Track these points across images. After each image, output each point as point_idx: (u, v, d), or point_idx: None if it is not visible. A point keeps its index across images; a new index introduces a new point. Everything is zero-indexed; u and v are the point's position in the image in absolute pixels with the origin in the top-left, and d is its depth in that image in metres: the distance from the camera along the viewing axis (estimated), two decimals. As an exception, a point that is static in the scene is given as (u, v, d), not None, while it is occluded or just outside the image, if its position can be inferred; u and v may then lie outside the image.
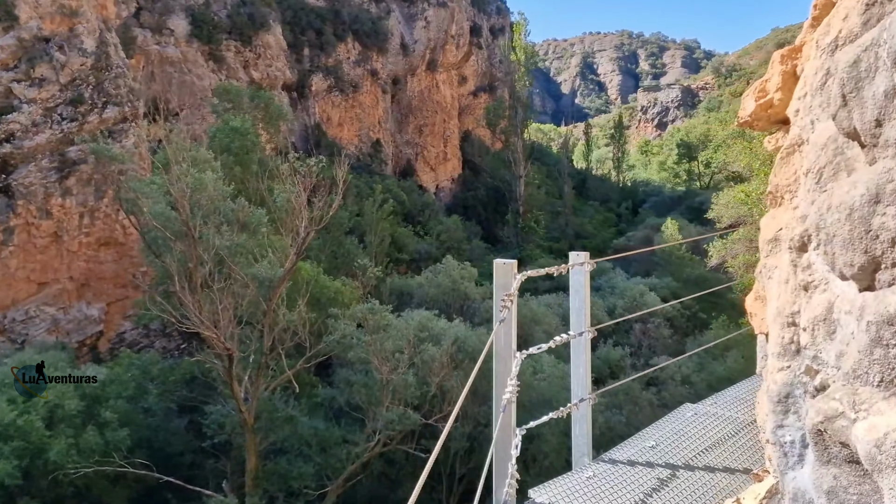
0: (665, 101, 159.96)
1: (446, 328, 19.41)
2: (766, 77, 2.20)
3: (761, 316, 2.22)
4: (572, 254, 3.86)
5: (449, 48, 75.78)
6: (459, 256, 45.33)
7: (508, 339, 3.10)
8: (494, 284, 3.33)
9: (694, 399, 22.74)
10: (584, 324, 3.77)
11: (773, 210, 2.18)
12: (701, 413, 4.29)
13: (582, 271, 3.68)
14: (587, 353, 3.83)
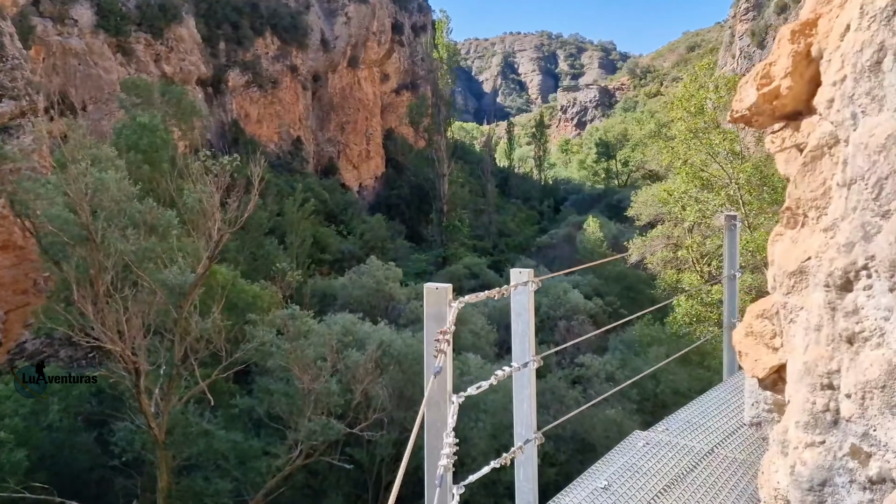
0: (584, 100, 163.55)
1: (371, 332, 18.82)
2: (771, 59, 1.74)
3: (755, 357, 1.82)
4: (514, 271, 3.37)
5: (371, 45, 74.88)
6: (384, 256, 44.73)
7: (444, 386, 2.60)
8: (425, 314, 2.83)
9: (623, 401, 22.84)
10: (529, 352, 3.32)
11: (793, 231, 1.69)
12: (653, 443, 3.94)
13: (526, 291, 3.23)
14: (532, 385, 3.38)
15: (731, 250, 5.60)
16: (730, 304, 5.41)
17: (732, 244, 5.61)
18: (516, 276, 3.27)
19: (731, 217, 5.60)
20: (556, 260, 50.88)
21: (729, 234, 5.60)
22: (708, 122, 21.79)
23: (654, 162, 50.46)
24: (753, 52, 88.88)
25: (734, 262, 5.56)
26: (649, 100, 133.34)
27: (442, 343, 2.39)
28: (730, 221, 5.57)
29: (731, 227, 5.56)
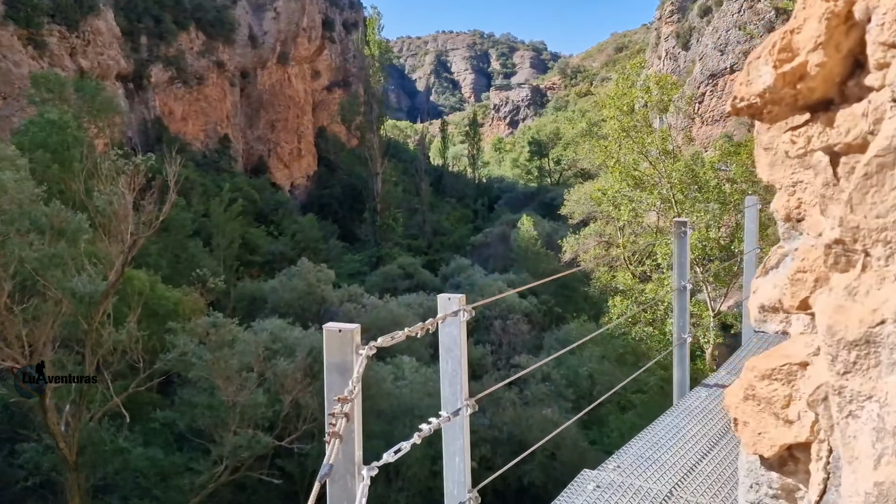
0: (516, 99, 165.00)
1: (301, 338, 18.08)
2: (792, 26, 1.26)
3: (758, 429, 1.37)
4: (441, 298, 2.79)
5: (301, 41, 73.33)
6: (316, 257, 43.74)
7: (351, 458, 2.00)
8: (326, 364, 2.24)
9: (559, 400, 22.68)
10: (462, 395, 2.81)
11: (848, 277, 1.19)
12: (605, 485, 3.53)
13: (457, 322, 2.70)
14: (466, 436, 2.84)
15: (681, 259, 5.10)
16: (680, 318, 5.00)
17: (682, 252, 5.10)
18: (444, 303, 2.70)
19: (681, 224, 5.11)
20: (491, 259, 50.86)
21: (678, 241, 5.12)
22: (640, 120, 21.86)
23: (586, 160, 51.07)
24: (678, 53, 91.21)
25: (684, 272, 5.10)
26: (580, 99, 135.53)
27: (339, 414, 1.79)
28: (679, 228, 5.10)
29: (680, 235, 5.08)
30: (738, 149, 21.00)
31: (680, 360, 5.01)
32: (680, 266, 5.12)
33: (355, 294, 30.16)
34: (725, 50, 76.74)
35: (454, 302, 2.66)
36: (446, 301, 2.68)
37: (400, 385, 18.55)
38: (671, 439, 3.96)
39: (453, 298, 2.67)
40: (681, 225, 5.10)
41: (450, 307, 2.64)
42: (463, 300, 2.69)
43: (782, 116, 1.30)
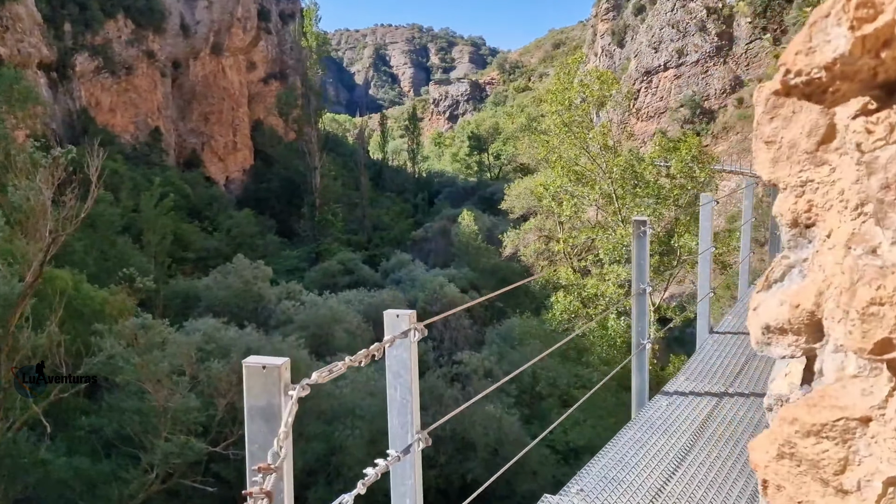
0: (455, 94, 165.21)
1: (236, 338, 17.44)
2: None
3: (798, 497, 1.11)
4: (389, 314, 2.40)
5: (235, 31, 71.40)
6: (252, 253, 42.64)
7: None
8: (246, 409, 1.79)
9: (502, 396, 22.64)
10: (412, 428, 2.46)
11: None
12: (570, 512, 3.28)
13: (407, 344, 2.33)
14: (417, 475, 2.47)
15: (640, 261, 4.76)
16: (639, 322, 4.79)
17: (641, 254, 4.76)
18: (392, 322, 2.32)
19: (641, 223, 4.75)
20: (432, 253, 50.66)
21: (637, 242, 4.77)
22: (581, 115, 21.92)
23: (525, 155, 51.32)
24: (614, 50, 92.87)
25: (643, 275, 4.78)
26: (518, 94, 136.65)
27: (266, 476, 1.43)
28: (638, 228, 4.74)
29: (639, 235, 4.73)
30: (676, 144, 21.28)
31: (639, 368, 4.81)
32: (639, 268, 4.82)
33: (293, 291, 29.46)
34: (659, 48, 78.47)
35: (403, 320, 2.29)
36: (394, 319, 2.31)
37: (341, 385, 18.09)
38: (635, 456, 3.76)
39: (402, 316, 2.31)
40: (640, 224, 4.77)
41: (398, 326, 2.29)
42: (413, 317, 2.33)
43: (850, 96, 1.03)
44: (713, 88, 72.48)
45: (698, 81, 73.67)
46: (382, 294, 32.97)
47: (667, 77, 76.95)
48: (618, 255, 19.57)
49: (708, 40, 73.27)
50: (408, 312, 2.34)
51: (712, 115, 71.33)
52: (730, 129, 67.27)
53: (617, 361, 17.64)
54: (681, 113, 72.96)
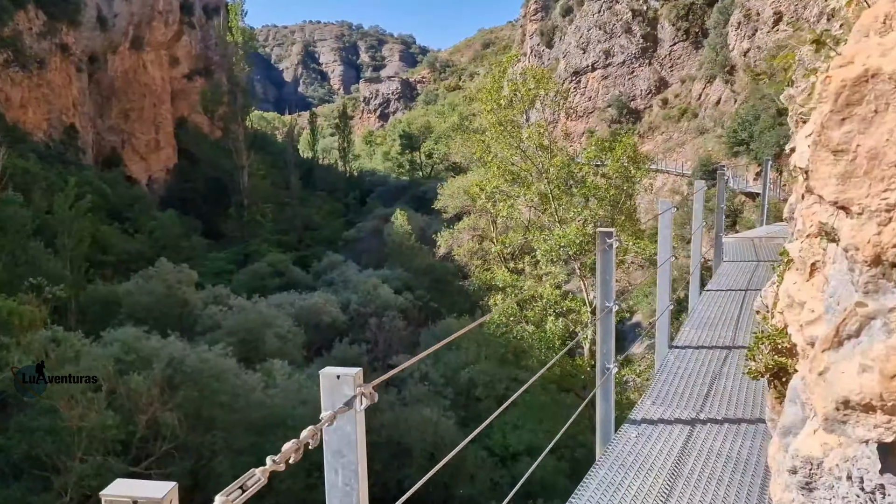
0: (386, 92, 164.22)
1: (159, 347, 16.49)
2: None
3: None
4: (327, 374, 1.77)
5: (157, 25, 68.70)
6: (177, 255, 41.08)
7: None
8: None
9: (438, 398, 22.32)
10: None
11: None
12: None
13: (352, 416, 1.82)
14: None
15: (606, 276, 4.31)
16: (604, 344, 4.36)
17: (607, 269, 4.32)
18: (332, 385, 1.81)
19: (606, 234, 4.24)
20: (365, 254, 49.95)
21: (603, 256, 4.29)
22: (516, 114, 21.70)
23: (458, 154, 51.15)
24: (543, 50, 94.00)
25: (609, 291, 4.33)
26: (449, 93, 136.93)
27: None
28: (604, 241, 4.23)
29: (605, 249, 4.26)
30: (612, 144, 21.31)
31: (604, 396, 4.47)
32: (604, 284, 4.36)
33: (220, 295, 28.40)
34: (587, 49, 79.81)
35: (346, 383, 1.80)
36: (334, 382, 1.81)
37: (272, 393, 17.38)
38: (610, 503, 3.41)
39: (345, 378, 1.83)
40: (605, 237, 4.26)
41: (339, 392, 1.80)
42: (359, 377, 1.85)
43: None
44: (639, 89, 74.20)
45: (625, 82, 75.30)
46: (314, 296, 32.22)
47: (595, 77, 78.37)
48: (555, 257, 19.49)
49: (633, 42, 74.97)
50: (352, 373, 1.88)
51: (638, 115, 73.02)
52: (655, 128, 68.95)
53: (556, 364, 17.58)
54: (608, 113, 74.42)
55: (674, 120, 66.75)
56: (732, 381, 5.14)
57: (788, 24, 51.27)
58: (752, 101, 47.13)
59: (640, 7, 75.74)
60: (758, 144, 41.82)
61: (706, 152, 49.79)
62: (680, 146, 61.72)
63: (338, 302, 32.86)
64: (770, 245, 12.61)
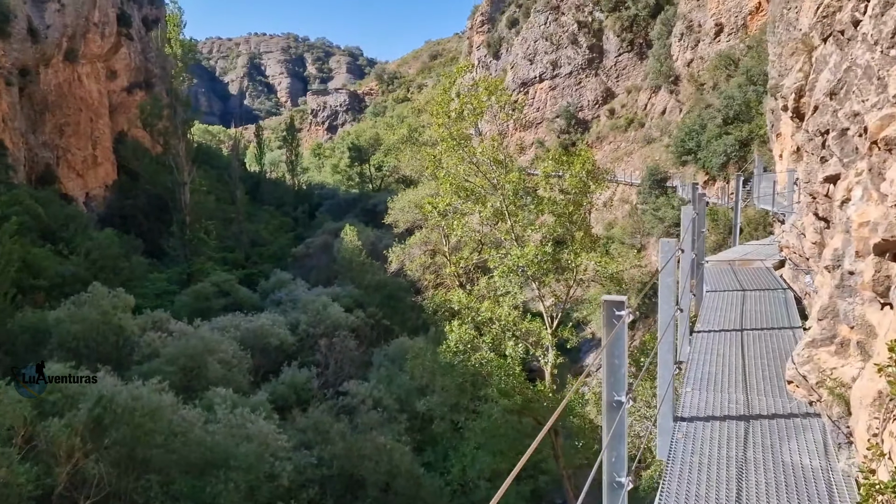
0: (334, 104, 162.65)
1: (85, 386, 15.18)
2: None
3: None
4: None
5: (92, 37, 66.14)
6: (116, 277, 39.30)
7: None
8: None
9: (392, 423, 21.34)
10: None
11: None
12: None
13: None
14: None
15: (615, 360, 3.27)
16: (614, 450, 3.30)
17: (617, 350, 3.27)
18: None
19: (614, 304, 3.21)
20: (314, 270, 48.64)
21: (612, 333, 3.24)
22: (468, 127, 20.92)
23: (408, 167, 50.36)
24: (490, 62, 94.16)
25: (620, 382, 3.29)
26: (398, 105, 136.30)
27: None
28: (611, 314, 3.21)
29: (611, 322, 3.23)
30: (570, 158, 20.66)
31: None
32: (612, 371, 3.27)
33: (160, 320, 26.93)
34: (534, 60, 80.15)
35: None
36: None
37: (213, 430, 16.18)
38: None
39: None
40: (613, 308, 3.24)
41: None
42: None
43: None
44: (587, 99, 74.77)
45: (572, 93, 75.80)
46: (261, 318, 30.91)
47: (542, 88, 78.73)
48: (513, 279, 18.78)
49: (580, 53, 75.57)
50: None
51: (587, 126, 73.50)
52: (603, 138, 69.45)
53: (516, 391, 16.84)
54: (557, 123, 74.74)
55: (621, 130, 67.34)
56: (766, 477, 4.05)
57: (730, 34, 52.18)
58: (698, 111, 47.62)
59: (586, 19, 76.45)
60: (705, 154, 42.14)
61: (654, 161, 50.11)
62: (628, 155, 62.20)
63: (286, 323, 31.63)
64: (750, 270, 11.73)
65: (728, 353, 6.80)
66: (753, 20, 49.55)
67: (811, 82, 6.74)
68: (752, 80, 39.49)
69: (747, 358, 6.60)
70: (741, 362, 6.46)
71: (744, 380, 5.98)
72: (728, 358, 6.63)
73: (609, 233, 48.48)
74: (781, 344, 6.98)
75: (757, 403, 5.39)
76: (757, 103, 38.73)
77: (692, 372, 6.28)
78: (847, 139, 5.27)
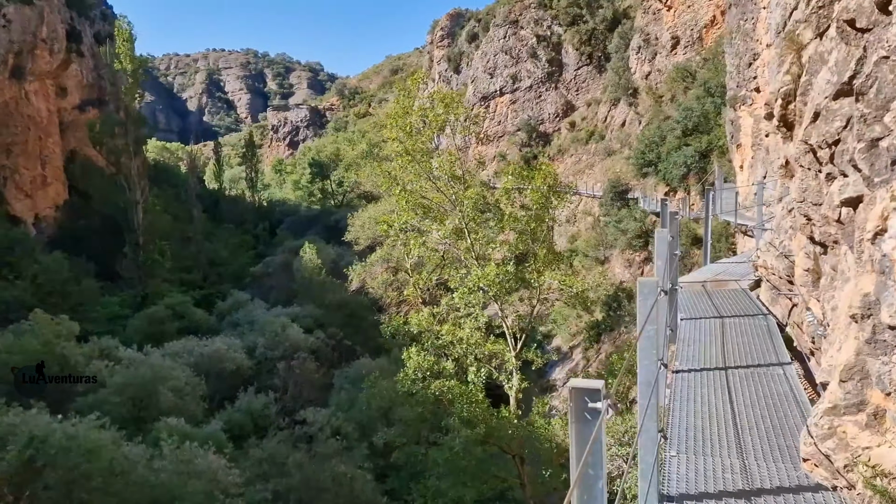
0: (295, 120, 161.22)
1: (15, 423, 14.05)
2: None
3: None
4: None
5: (40, 54, 64.16)
6: (64, 302, 37.74)
7: None
8: None
9: (353, 455, 20.47)
10: None
11: None
12: None
13: None
14: None
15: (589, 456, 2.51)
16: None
17: (583, 441, 2.57)
18: None
19: (588, 392, 2.55)
20: (274, 290, 47.48)
21: (580, 429, 2.57)
22: (425, 142, 20.24)
23: (369, 183, 49.60)
24: (451, 76, 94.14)
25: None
26: (359, 120, 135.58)
27: None
28: (583, 405, 2.54)
29: (584, 418, 2.53)
30: (531, 173, 20.06)
31: None
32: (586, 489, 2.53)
33: (108, 348, 25.67)
34: (494, 73, 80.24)
35: None
36: None
37: (159, 467, 15.16)
38: None
39: None
40: (585, 397, 2.54)
41: None
42: None
43: None
44: (547, 113, 75.02)
45: (533, 106, 75.99)
46: (217, 342, 29.77)
47: (503, 102, 78.80)
48: (474, 300, 18.15)
49: (539, 66, 75.89)
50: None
51: (548, 139, 73.67)
52: (564, 151, 69.61)
53: (479, 419, 16.11)
54: (518, 136, 74.79)
55: (582, 142, 67.56)
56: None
57: (686, 47, 52.72)
58: (657, 123, 47.86)
59: (545, 32, 76.87)
60: (665, 165, 42.24)
61: (615, 174, 50.18)
62: (589, 168, 62.34)
63: (243, 346, 30.56)
64: (726, 292, 10.82)
65: (714, 399, 6.03)
66: (709, 33, 50.13)
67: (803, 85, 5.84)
68: (710, 92, 39.75)
69: (736, 405, 5.83)
70: (730, 411, 5.69)
71: (736, 437, 5.17)
72: (714, 406, 5.86)
73: (573, 246, 48.30)
74: (772, 386, 6.26)
75: (757, 472, 4.59)
76: (715, 114, 38.96)
77: (675, 427, 5.48)
78: (879, 152, 4.17)
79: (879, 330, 3.82)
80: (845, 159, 4.69)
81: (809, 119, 5.26)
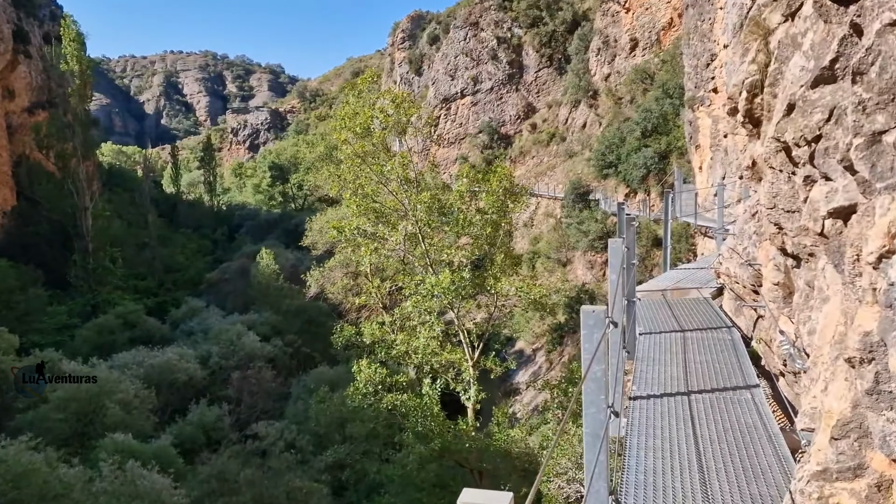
0: (255, 123, 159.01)
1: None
2: None
3: None
4: None
5: (-15, 55, 61.97)
6: (10, 312, 36.26)
7: None
8: None
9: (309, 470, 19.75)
10: None
11: None
12: None
13: None
14: None
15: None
16: None
17: None
18: None
19: None
20: (230, 296, 46.35)
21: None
22: (377, 144, 19.59)
23: (326, 187, 48.80)
24: (413, 78, 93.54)
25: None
26: (320, 122, 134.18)
27: None
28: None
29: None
30: (486, 175, 19.52)
31: None
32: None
33: (51, 361, 24.51)
34: (455, 75, 79.92)
35: None
36: None
37: (97, 490, 14.32)
38: None
39: None
40: None
41: None
42: None
43: None
44: (508, 115, 74.93)
45: (494, 108, 75.85)
46: (168, 352, 28.74)
47: (464, 104, 78.50)
48: (429, 308, 17.58)
49: (500, 68, 75.78)
50: None
51: (509, 141, 73.58)
52: (526, 153, 69.56)
53: (435, 433, 15.55)
54: (480, 139, 74.57)
55: (543, 144, 67.58)
56: None
57: (644, 49, 53.02)
58: (617, 124, 47.97)
59: (505, 35, 76.80)
60: (625, 166, 42.30)
61: (576, 175, 50.17)
62: (551, 170, 62.34)
63: (196, 356, 29.57)
64: (687, 302, 10.26)
65: (676, 434, 5.36)
66: (667, 35, 50.47)
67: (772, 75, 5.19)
68: (668, 94, 39.91)
69: (701, 441, 5.18)
70: (694, 450, 5.04)
71: (702, 484, 4.48)
72: (677, 443, 5.20)
73: (535, 248, 48.11)
74: (740, 416, 5.71)
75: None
76: (674, 116, 39.11)
77: (633, 470, 4.82)
78: (883, 149, 3.28)
79: (884, 379, 3.05)
80: (830, 159, 3.91)
81: (782, 113, 4.52)
